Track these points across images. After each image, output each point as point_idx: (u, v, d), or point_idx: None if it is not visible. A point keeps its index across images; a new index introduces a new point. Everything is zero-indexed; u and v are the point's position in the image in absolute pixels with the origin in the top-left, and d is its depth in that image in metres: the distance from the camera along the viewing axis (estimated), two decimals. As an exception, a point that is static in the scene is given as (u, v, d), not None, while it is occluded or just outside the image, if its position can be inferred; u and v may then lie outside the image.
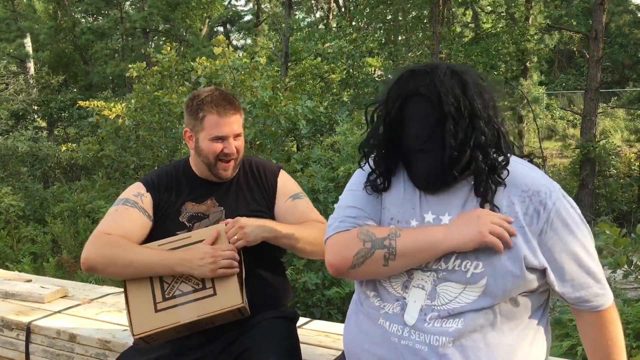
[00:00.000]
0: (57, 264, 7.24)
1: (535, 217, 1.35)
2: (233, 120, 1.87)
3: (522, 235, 1.35)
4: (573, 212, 1.38)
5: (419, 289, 1.39)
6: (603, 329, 1.42)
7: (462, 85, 1.34)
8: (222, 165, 1.90)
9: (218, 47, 6.33)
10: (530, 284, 1.37)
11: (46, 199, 10.12)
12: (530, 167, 1.43)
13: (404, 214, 1.44)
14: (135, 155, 8.41)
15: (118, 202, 1.90)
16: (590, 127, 12.17)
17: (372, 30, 15.41)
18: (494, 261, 1.34)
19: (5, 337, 2.71)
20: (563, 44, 17.23)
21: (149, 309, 1.72)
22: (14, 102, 12.68)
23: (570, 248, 1.36)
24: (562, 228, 1.35)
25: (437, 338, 1.35)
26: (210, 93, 1.88)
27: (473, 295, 1.35)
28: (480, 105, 1.34)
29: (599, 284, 1.39)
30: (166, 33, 18.34)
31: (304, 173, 5.60)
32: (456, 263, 1.37)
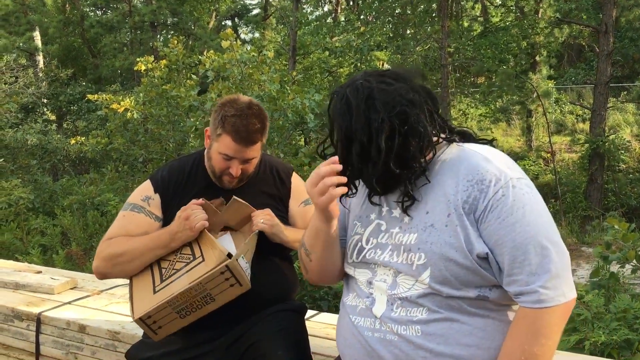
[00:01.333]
0: (67, 256, 7.30)
1: (475, 204, 1.34)
2: (248, 150, 1.84)
3: (461, 222, 1.34)
4: (520, 203, 1.32)
5: (382, 282, 1.44)
6: (524, 326, 1.31)
7: (348, 110, 1.40)
8: (227, 179, 1.90)
9: (226, 40, 6.33)
10: (485, 274, 1.35)
11: (55, 191, 10.18)
12: (484, 156, 1.39)
13: (366, 210, 1.54)
14: (143, 149, 8.44)
15: (127, 206, 1.92)
16: (599, 122, 12.09)
17: (380, 23, 15.35)
18: (434, 250, 1.36)
19: (16, 328, 2.74)
20: (573, 37, 17.08)
21: (148, 292, 1.75)
22: (24, 95, 12.73)
23: (506, 240, 1.31)
24: (499, 218, 1.31)
25: (405, 327, 1.39)
26: (239, 114, 1.82)
27: (424, 284, 1.38)
28: (359, 126, 1.37)
29: (536, 282, 1.29)
30: (174, 26, 18.35)
31: (311, 167, 5.61)
32: (404, 256, 1.41)
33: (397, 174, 1.38)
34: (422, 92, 1.42)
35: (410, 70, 1.48)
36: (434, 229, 1.37)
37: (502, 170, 1.35)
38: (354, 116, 1.38)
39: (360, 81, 1.42)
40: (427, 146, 1.40)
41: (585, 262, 8.78)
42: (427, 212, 1.40)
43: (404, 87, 1.40)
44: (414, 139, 1.37)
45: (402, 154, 1.37)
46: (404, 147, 1.37)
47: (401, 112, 1.36)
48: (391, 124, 1.36)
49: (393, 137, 1.36)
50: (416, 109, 1.38)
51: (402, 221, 1.44)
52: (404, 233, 1.42)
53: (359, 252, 1.51)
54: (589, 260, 8.66)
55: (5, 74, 12.47)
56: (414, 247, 1.39)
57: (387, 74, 1.43)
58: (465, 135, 1.51)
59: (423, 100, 1.40)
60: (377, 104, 1.37)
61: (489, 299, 1.38)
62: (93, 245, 7.89)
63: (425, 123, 1.39)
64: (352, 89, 1.41)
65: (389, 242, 1.45)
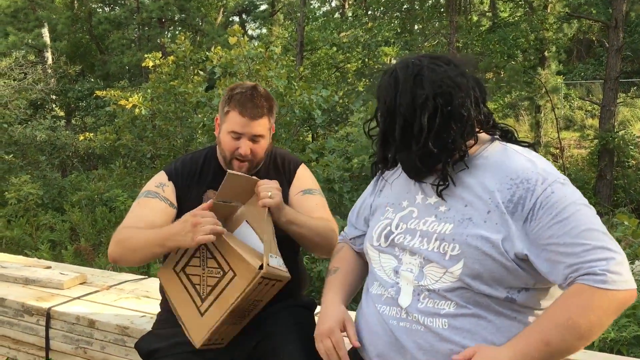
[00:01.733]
0: (75, 252, 7.33)
1: (521, 203, 1.34)
2: (254, 124, 1.86)
3: (502, 221, 1.34)
4: (573, 197, 1.32)
5: (408, 272, 1.44)
6: (574, 298, 1.26)
7: (394, 84, 1.41)
8: (237, 163, 1.90)
9: (233, 36, 6.34)
10: (521, 273, 1.35)
11: (64, 187, 10.24)
12: (529, 158, 1.40)
13: (399, 197, 1.55)
14: (151, 145, 8.47)
15: (141, 194, 1.93)
16: (609, 117, 12.01)
17: (388, 19, 15.30)
18: (470, 243, 1.35)
19: (26, 323, 2.76)
20: (582, 33, 16.97)
21: (196, 317, 1.73)
22: (33, 92, 12.78)
23: (561, 234, 1.29)
24: (551, 214, 1.31)
25: (431, 319, 1.39)
26: (244, 91, 1.88)
27: (454, 277, 1.37)
28: (404, 101, 1.37)
29: (607, 264, 1.25)
30: (182, 23, 18.37)
31: (318, 163, 5.61)
32: (436, 244, 1.40)
33: (435, 155, 1.38)
34: (471, 80, 1.42)
35: (464, 58, 1.48)
36: (472, 223, 1.37)
37: (547, 171, 1.36)
38: (399, 91, 1.39)
39: (412, 60, 1.43)
40: (470, 132, 1.40)
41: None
42: (466, 205, 1.40)
43: (454, 70, 1.40)
44: (455, 122, 1.37)
45: (442, 134, 1.37)
46: (445, 128, 1.37)
47: (446, 92, 1.37)
48: (435, 103, 1.36)
49: (435, 116, 1.36)
50: (462, 93, 1.38)
51: (438, 209, 1.44)
52: (439, 222, 1.42)
53: (387, 236, 1.51)
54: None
55: (14, 71, 12.53)
56: (448, 237, 1.39)
57: (440, 57, 1.44)
58: (508, 133, 1.50)
59: (470, 87, 1.40)
60: (424, 81, 1.38)
61: (516, 302, 1.37)
62: (102, 240, 7.92)
63: (470, 108, 1.38)
64: (402, 65, 1.43)
65: (417, 228, 1.45)
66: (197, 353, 1.81)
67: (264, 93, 1.90)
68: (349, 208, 5.42)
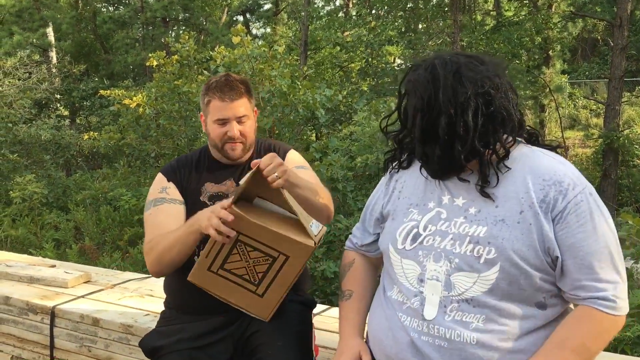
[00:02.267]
0: (80, 251, 7.35)
1: (552, 204, 1.34)
2: (236, 105, 1.90)
3: (536, 220, 1.34)
4: (598, 211, 1.34)
5: (434, 281, 1.40)
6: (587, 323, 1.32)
7: (433, 80, 1.38)
8: (229, 145, 1.93)
9: (236, 36, 6.34)
10: (551, 273, 1.35)
11: (69, 186, 10.26)
12: (559, 160, 1.41)
13: (423, 198, 1.50)
14: (155, 144, 8.48)
15: (149, 205, 1.96)
16: (613, 117, 11.96)
17: (391, 18, 15.28)
18: (506, 246, 1.33)
19: (31, 321, 2.78)
20: (587, 31, 16.92)
21: (255, 298, 1.78)
22: (37, 91, 12.80)
23: (583, 245, 1.32)
24: (578, 222, 1.32)
25: (459, 333, 1.35)
26: (218, 79, 1.93)
27: (487, 283, 1.35)
28: (447, 98, 1.35)
29: (611, 290, 1.32)
30: (186, 22, 18.39)
31: (322, 162, 5.61)
32: (469, 247, 1.37)
33: (481, 153, 1.37)
34: (506, 82, 1.41)
35: (497, 60, 1.46)
36: (505, 225, 1.35)
37: (578, 177, 1.37)
38: (440, 87, 1.36)
39: (449, 57, 1.41)
40: (510, 133, 1.39)
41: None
42: (497, 206, 1.38)
43: (491, 71, 1.39)
44: (496, 122, 1.37)
45: (484, 134, 1.36)
46: (486, 128, 1.36)
47: (487, 92, 1.36)
48: (476, 102, 1.35)
49: (477, 115, 1.35)
50: (500, 94, 1.37)
51: (467, 211, 1.41)
52: (471, 224, 1.39)
53: (414, 238, 1.46)
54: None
55: (19, 70, 12.55)
56: (482, 240, 1.36)
57: (474, 57, 1.43)
58: (532, 136, 1.50)
59: (507, 89, 1.40)
60: (464, 79, 1.36)
61: (547, 307, 1.38)
62: (106, 240, 7.95)
63: (510, 110, 1.38)
64: (441, 62, 1.40)
65: (449, 230, 1.41)
66: (200, 349, 1.83)
67: (238, 78, 1.96)
68: (352, 207, 5.42)
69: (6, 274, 3.11)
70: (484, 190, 1.39)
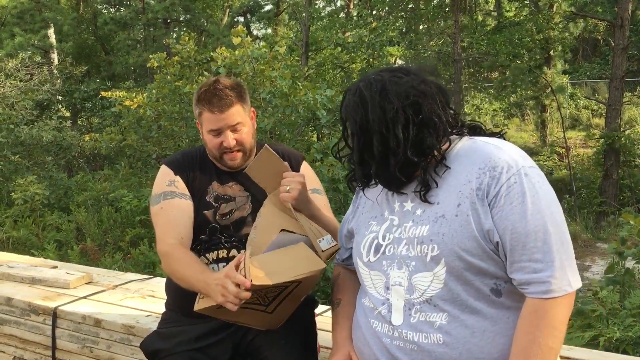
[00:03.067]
0: (81, 252, 7.36)
1: (486, 190, 1.36)
2: (227, 115, 1.85)
3: (473, 209, 1.36)
4: (532, 191, 1.33)
5: (398, 286, 1.44)
6: (535, 319, 1.31)
7: (361, 103, 1.44)
8: (228, 156, 1.90)
9: (237, 37, 6.35)
10: (498, 260, 1.36)
11: (70, 187, 10.27)
12: (497, 146, 1.41)
13: (380, 209, 1.55)
14: (156, 145, 8.49)
15: (157, 198, 1.90)
16: (615, 117, 11.96)
17: (392, 19, 15.28)
18: (446, 242, 1.36)
19: (33, 322, 2.78)
20: (588, 32, 16.90)
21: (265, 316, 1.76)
22: (39, 93, 12.81)
23: (516, 226, 1.32)
24: (511, 204, 1.33)
25: (426, 335, 1.39)
26: (207, 89, 1.87)
27: (440, 279, 1.37)
28: (376, 117, 1.40)
29: (545, 270, 1.31)
30: (187, 23, 18.40)
31: (323, 163, 5.61)
32: (418, 248, 1.41)
33: (416, 162, 1.41)
34: (433, 86, 1.45)
35: (421, 66, 1.51)
36: (445, 220, 1.38)
37: (514, 158, 1.37)
38: (369, 108, 1.42)
39: (373, 76, 1.46)
40: (443, 135, 1.42)
41: (600, 258, 8.70)
42: (438, 203, 1.41)
43: (415, 79, 1.43)
44: (428, 128, 1.40)
45: (419, 143, 1.40)
46: (420, 136, 1.40)
47: (414, 102, 1.40)
48: (405, 114, 1.39)
49: (408, 126, 1.39)
50: (428, 100, 1.41)
51: (415, 214, 1.45)
52: (417, 226, 1.43)
53: (376, 250, 1.51)
54: (604, 256, 8.58)
55: (21, 72, 12.58)
56: (426, 239, 1.40)
57: (398, 70, 1.47)
58: (476, 128, 1.53)
59: (434, 92, 1.43)
60: (390, 95, 1.40)
61: (502, 293, 1.38)
62: (107, 241, 7.96)
63: (439, 112, 1.42)
64: (365, 83, 1.45)
65: (402, 236, 1.46)
66: (200, 350, 1.83)
67: (227, 83, 1.89)
68: (353, 208, 5.43)
69: (8, 275, 3.11)
70: (423, 195, 1.43)
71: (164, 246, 1.81)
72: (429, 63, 13.38)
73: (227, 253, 1.90)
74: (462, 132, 1.50)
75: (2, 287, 3.00)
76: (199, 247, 1.90)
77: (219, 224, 1.90)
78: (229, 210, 1.91)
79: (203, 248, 1.90)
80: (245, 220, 1.91)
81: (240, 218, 1.91)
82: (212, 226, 1.89)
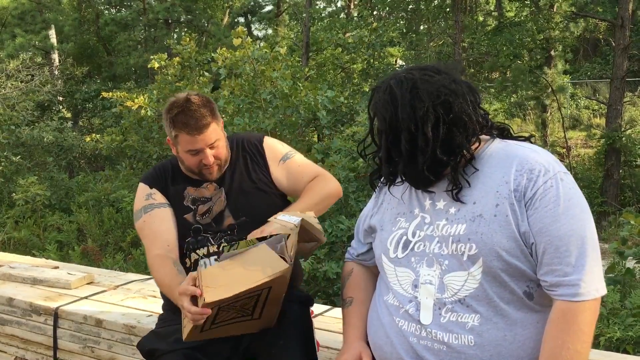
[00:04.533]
0: (83, 252, 7.37)
1: (523, 191, 1.36)
2: (205, 135, 1.87)
3: (512, 210, 1.36)
4: (567, 196, 1.35)
5: (428, 285, 1.43)
6: (564, 324, 1.31)
7: (392, 101, 1.43)
8: (207, 170, 1.94)
9: (237, 38, 6.35)
10: (533, 261, 1.37)
11: (71, 188, 10.28)
12: (532, 149, 1.43)
13: (409, 206, 1.54)
14: (157, 146, 8.49)
15: (139, 214, 1.97)
16: (616, 117, 11.95)
17: (393, 19, 15.28)
18: (485, 241, 1.36)
19: (34, 322, 2.79)
20: (588, 32, 16.87)
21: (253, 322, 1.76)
22: (40, 93, 12.82)
23: (550, 229, 1.33)
24: (546, 207, 1.34)
25: (456, 336, 1.37)
26: (180, 110, 1.86)
27: (476, 280, 1.37)
28: (406, 115, 1.40)
29: (575, 274, 1.31)
30: (188, 24, 18.41)
31: (324, 163, 5.61)
32: (453, 247, 1.40)
33: (445, 162, 1.40)
34: (464, 85, 1.45)
35: (451, 65, 1.55)
36: (483, 219, 1.38)
37: (550, 162, 1.39)
38: (399, 106, 1.41)
39: (404, 74, 1.45)
40: (473, 135, 1.42)
41: (601, 257, 8.69)
42: (474, 202, 1.41)
43: (447, 79, 1.43)
44: (458, 128, 1.40)
45: (448, 142, 1.40)
46: (450, 135, 1.40)
47: (445, 101, 1.40)
48: (436, 113, 1.39)
49: (438, 125, 1.39)
50: (459, 99, 1.41)
51: (448, 212, 1.44)
52: (451, 224, 1.42)
53: (405, 246, 1.49)
54: (605, 256, 8.56)
55: (22, 72, 12.58)
56: (463, 238, 1.39)
57: (429, 68, 1.47)
58: (504, 130, 1.53)
59: (465, 92, 1.43)
60: (421, 93, 1.40)
61: (533, 297, 1.38)
62: (109, 241, 7.96)
63: (470, 112, 1.42)
64: (396, 81, 1.44)
65: (434, 234, 1.45)
66: (197, 349, 1.83)
67: (199, 101, 1.88)
68: (354, 208, 5.43)
69: (9, 276, 3.12)
70: (455, 195, 1.43)
71: (149, 258, 1.90)
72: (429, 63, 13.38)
73: (217, 247, 1.92)
74: (492, 133, 1.50)
75: (4, 287, 3.01)
76: (187, 248, 1.93)
77: (200, 224, 1.94)
78: (207, 209, 1.95)
79: (192, 248, 1.93)
80: (223, 213, 1.94)
81: (219, 213, 1.94)
82: (195, 227, 1.93)
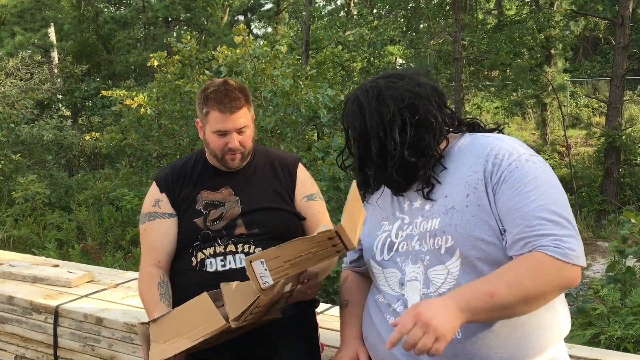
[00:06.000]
0: (82, 251, 7.37)
1: (489, 176, 1.38)
2: (236, 117, 1.87)
3: (484, 200, 1.38)
4: (533, 175, 1.35)
5: (414, 281, 1.45)
6: (528, 266, 1.28)
7: (359, 110, 1.50)
8: (229, 156, 1.92)
9: (238, 36, 6.35)
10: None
11: (71, 186, 10.29)
12: (498, 137, 1.47)
13: (391, 209, 1.58)
14: (157, 144, 8.48)
15: (143, 218, 2.00)
16: (615, 115, 11.95)
17: (393, 17, 15.27)
18: (460, 232, 1.37)
19: (34, 321, 2.79)
20: (588, 30, 16.87)
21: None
22: (39, 92, 12.82)
23: (520, 207, 1.32)
24: (512, 187, 1.34)
25: None
26: (217, 88, 1.88)
27: (453, 276, 1.38)
28: (374, 122, 1.46)
29: (547, 236, 1.29)
30: (188, 22, 18.39)
31: (324, 162, 5.61)
32: (431, 242, 1.42)
33: (414, 163, 1.45)
34: (428, 87, 1.50)
35: (415, 69, 1.58)
36: (455, 211, 1.40)
37: (515, 147, 1.41)
38: (366, 114, 1.48)
39: (369, 84, 1.52)
40: (440, 135, 1.47)
41: (601, 256, 8.70)
42: (446, 196, 1.43)
43: (410, 83, 1.49)
44: (425, 129, 1.45)
45: (416, 144, 1.44)
46: (417, 137, 1.44)
47: (410, 104, 1.45)
48: (402, 117, 1.44)
49: (405, 128, 1.44)
50: (424, 101, 1.46)
51: (424, 209, 1.47)
52: (427, 220, 1.45)
53: (390, 248, 1.53)
54: (605, 254, 8.58)
55: (21, 71, 12.58)
56: (439, 231, 1.41)
57: (393, 75, 1.53)
58: (475, 126, 1.57)
59: (429, 94, 1.48)
60: (386, 99, 1.46)
61: None
62: (108, 240, 7.97)
63: (435, 113, 1.46)
64: (362, 91, 1.52)
65: (413, 232, 1.48)
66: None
67: (236, 85, 1.91)
68: (354, 206, 5.43)
69: (10, 274, 3.12)
70: (426, 194, 1.46)
71: (140, 268, 1.98)
72: (430, 62, 13.38)
73: (224, 248, 1.90)
74: (461, 130, 1.53)
75: (4, 286, 3.01)
76: (194, 249, 1.91)
77: (210, 230, 1.90)
78: (218, 215, 1.91)
79: (199, 247, 1.91)
80: (236, 221, 1.91)
81: (231, 220, 1.90)
82: (204, 233, 1.90)
